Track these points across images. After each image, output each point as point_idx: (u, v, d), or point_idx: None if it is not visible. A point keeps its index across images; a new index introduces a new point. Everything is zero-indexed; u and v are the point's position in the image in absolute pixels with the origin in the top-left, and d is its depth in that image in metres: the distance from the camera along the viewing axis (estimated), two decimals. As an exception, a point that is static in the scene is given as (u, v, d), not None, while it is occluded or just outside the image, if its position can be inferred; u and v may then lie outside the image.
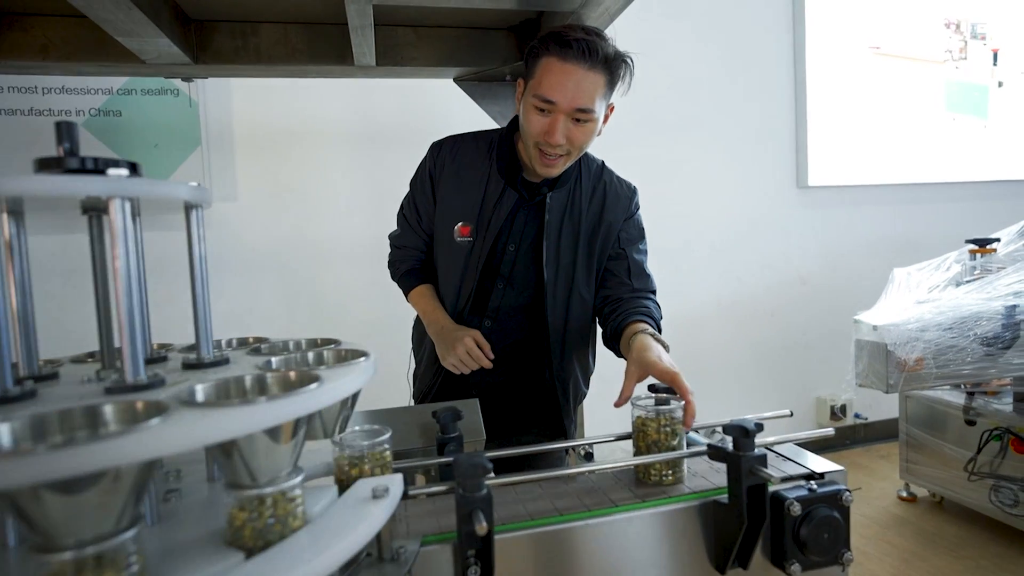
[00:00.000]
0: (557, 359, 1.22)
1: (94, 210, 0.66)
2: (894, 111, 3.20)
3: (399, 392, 1.51)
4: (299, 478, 0.60)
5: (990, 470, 2.24)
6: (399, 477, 0.70)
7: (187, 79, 1.51)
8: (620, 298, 1.21)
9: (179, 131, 2.25)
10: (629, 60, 1.08)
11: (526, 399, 1.26)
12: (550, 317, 1.19)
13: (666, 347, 1.01)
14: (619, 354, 1.19)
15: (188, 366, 0.69)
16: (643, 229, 1.27)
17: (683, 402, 0.84)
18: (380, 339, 2.46)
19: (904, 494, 2.65)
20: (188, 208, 0.68)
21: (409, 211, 1.27)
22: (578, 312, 1.22)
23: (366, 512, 0.63)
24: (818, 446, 3.47)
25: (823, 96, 3.08)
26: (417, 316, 1.35)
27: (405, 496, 0.73)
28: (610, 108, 1.13)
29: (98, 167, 0.58)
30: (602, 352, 1.29)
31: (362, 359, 0.71)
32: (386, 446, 0.72)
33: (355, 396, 0.76)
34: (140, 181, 0.58)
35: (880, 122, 3.19)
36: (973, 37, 3.31)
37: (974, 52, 3.32)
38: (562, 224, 1.18)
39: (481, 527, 0.61)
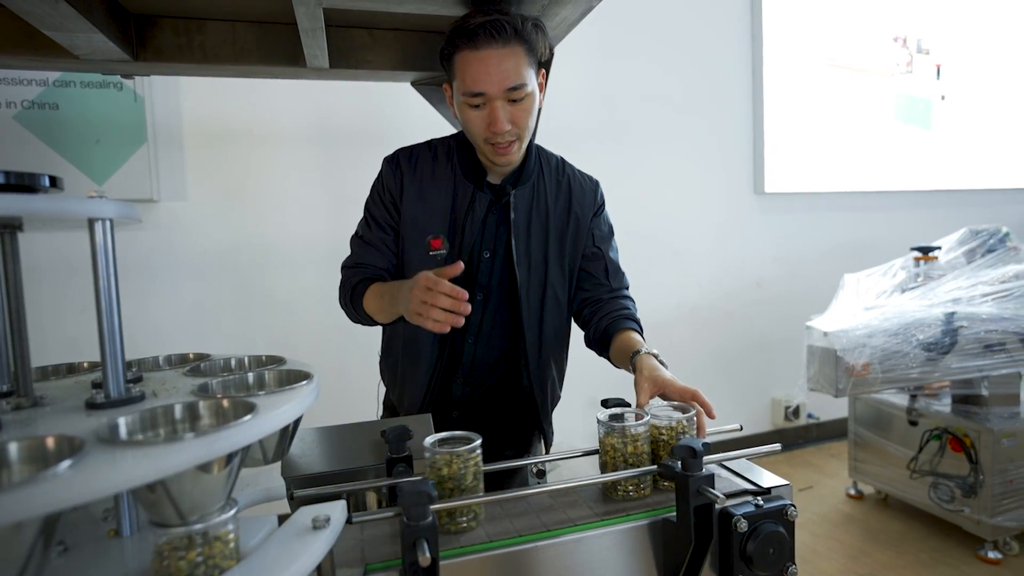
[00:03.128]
0: (535, 363, 1.19)
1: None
2: (846, 121, 3.32)
3: (359, 398, 1.48)
4: (233, 511, 0.57)
5: (930, 468, 2.35)
6: (341, 504, 0.68)
7: (127, 76, 1.44)
8: (600, 299, 1.20)
9: (123, 127, 2.14)
10: (539, 23, 1.07)
11: (506, 407, 1.23)
12: (525, 319, 1.16)
13: (665, 365, 1.03)
14: (601, 354, 1.20)
15: (92, 406, 0.60)
16: (611, 225, 1.27)
17: (692, 412, 0.89)
18: (338, 344, 2.42)
19: (852, 492, 2.75)
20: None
21: (369, 232, 1.17)
22: (553, 314, 1.20)
23: (305, 544, 0.60)
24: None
25: (780, 106, 3.17)
26: (381, 349, 1.29)
27: (349, 523, 0.71)
28: (542, 75, 1.11)
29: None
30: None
31: (304, 382, 0.68)
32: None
33: (298, 419, 0.73)
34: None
35: (833, 131, 3.30)
36: (919, 52, 3.46)
37: (920, 66, 3.47)
38: (530, 221, 1.16)
39: (424, 558, 0.59)
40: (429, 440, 0.78)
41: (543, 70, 1.11)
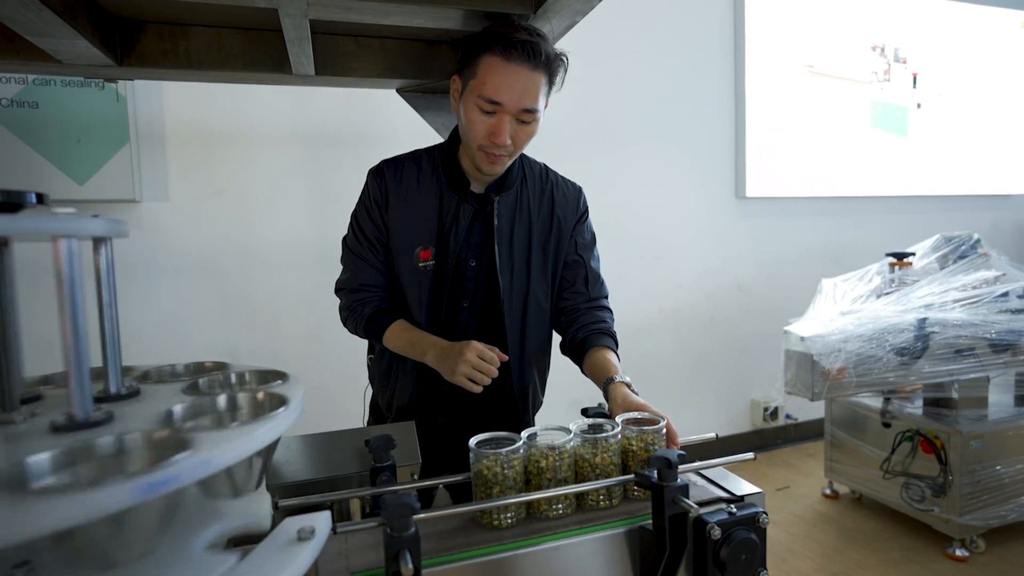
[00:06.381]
0: (516, 368, 1.21)
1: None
2: (826, 127, 3.38)
3: (344, 401, 1.48)
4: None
5: (902, 469, 2.41)
6: (326, 515, 0.69)
7: (111, 80, 1.43)
8: (577, 308, 1.23)
9: (105, 126, 2.12)
10: (565, 58, 1.11)
11: (490, 412, 1.25)
12: (508, 325, 1.18)
13: (636, 392, 1.06)
14: (576, 362, 1.23)
15: (99, 399, 0.65)
16: (594, 233, 1.29)
17: (662, 424, 0.92)
18: (321, 346, 2.41)
19: (828, 491, 2.82)
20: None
21: (359, 246, 1.19)
22: (535, 320, 1.22)
23: (290, 556, 0.61)
24: (754, 446, 3.59)
25: (761, 111, 3.22)
26: (374, 351, 1.30)
27: (334, 532, 0.72)
28: (546, 105, 1.14)
29: None
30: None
31: (281, 409, 0.66)
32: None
33: (275, 443, 0.72)
34: None
35: (813, 137, 3.36)
36: (896, 61, 3.54)
37: (896, 75, 3.55)
38: (513, 227, 1.18)
39: (407, 569, 0.61)
40: (474, 441, 0.86)
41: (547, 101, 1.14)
